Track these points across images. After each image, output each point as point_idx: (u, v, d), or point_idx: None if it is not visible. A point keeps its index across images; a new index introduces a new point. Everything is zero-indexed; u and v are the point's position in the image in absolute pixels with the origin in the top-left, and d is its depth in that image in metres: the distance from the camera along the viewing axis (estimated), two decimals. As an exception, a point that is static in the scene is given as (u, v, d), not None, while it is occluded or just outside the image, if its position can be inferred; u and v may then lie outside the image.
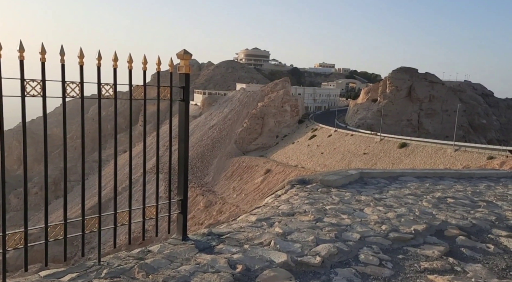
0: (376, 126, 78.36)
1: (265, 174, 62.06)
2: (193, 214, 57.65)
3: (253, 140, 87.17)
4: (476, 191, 7.17)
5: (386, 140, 62.28)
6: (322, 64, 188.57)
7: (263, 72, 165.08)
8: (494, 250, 3.84)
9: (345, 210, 5.01)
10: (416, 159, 53.34)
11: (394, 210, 5.17)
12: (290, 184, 6.50)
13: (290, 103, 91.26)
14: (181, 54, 3.32)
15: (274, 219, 4.43)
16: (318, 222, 4.40)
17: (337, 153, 65.62)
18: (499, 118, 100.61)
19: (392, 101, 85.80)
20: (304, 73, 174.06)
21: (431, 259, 3.50)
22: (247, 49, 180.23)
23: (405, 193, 6.55)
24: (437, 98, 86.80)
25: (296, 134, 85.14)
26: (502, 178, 9.36)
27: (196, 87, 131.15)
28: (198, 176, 75.24)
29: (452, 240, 4.10)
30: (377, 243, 3.81)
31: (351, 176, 7.36)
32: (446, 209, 5.48)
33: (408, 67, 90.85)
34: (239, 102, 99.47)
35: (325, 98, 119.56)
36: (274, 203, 5.45)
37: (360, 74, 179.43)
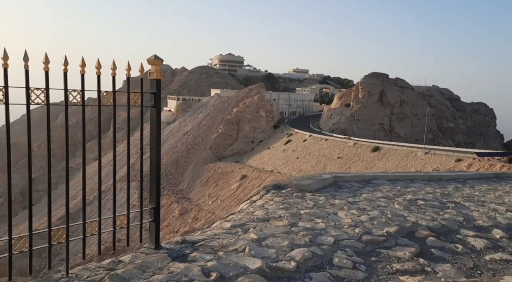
0: (349, 130, 79.83)
1: (241, 180, 61.95)
2: (168, 221, 56.79)
3: (228, 146, 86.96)
4: (445, 193, 7.40)
5: (359, 144, 63.51)
6: (296, 69, 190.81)
7: (237, 77, 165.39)
8: (462, 250, 3.96)
9: (319, 214, 5.05)
10: (388, 162, 54.62)
11: (367, 213, 5.26)
12: (265, 189, 6.50)
13: (265, 108, 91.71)
14: (152, 59, 3.27)
15: (249, 225, 4.41)
16: (293, 226, 4.41)
17: (312, 158, 66.33)
18: (466, 122, 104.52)
19: (365, 106, 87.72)
20: (278, 78, 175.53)
21: (402, 260, 3.56)
22: (221, 55, 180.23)
23: (378, 195, 6.67)
24: (407, 103, 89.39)
25: (271, 139, 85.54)
26: (469, 180, 9.70)
27: (169, 93, 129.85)
28: (173, 183, 74.27)
29: (422, 241, 4.20)
30: (350, 246, 3.85)
31: (325, 180, 7.44)
32: (416, 210, 5.62)
33: (379, 73, 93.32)
34: (213, 108, 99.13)
35: (300, 104, 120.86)
36: (249, 208, 5.43)
37: (333, 80, 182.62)
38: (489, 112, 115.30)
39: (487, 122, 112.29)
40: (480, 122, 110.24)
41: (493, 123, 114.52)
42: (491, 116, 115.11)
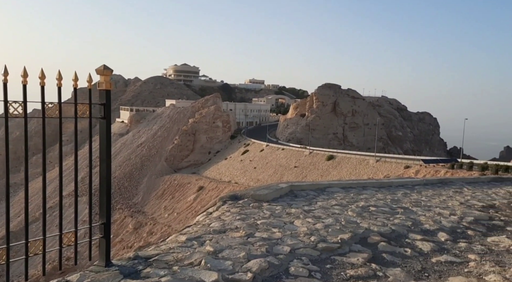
0: (305, 140, 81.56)
1: (198, 191, 61.10)
2: (121, 237, 54.64)
3: (184, 157, 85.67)
4: (395, 199, 7.72)
5: (315, 153, 65.00)
6: (252, 80, 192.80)
7: (193, 88, 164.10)
8: (411, 254, 4.13)
9: (276, 224, 5.08)
10: (342, 170, 56.30)
11: (322, 221, 5.36)
12: (221, 201, 6.45)
13: (222, 119, 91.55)
14: (100, 70, 3.17)
15: (205, 237, 4.34)
16: (250, 237, 4.39)
17: (269, 167, 66.90)
18: (413, 131, 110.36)
19: (319, 116, 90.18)
20: (235, 89, 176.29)
21: (356, 266, 3.66)
22: (176, 65, 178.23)
23: (332, 203, 6.83)
24: (359, 113, 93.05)
25: (228, 150, 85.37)
26: (416, 186, 10.19)
27: (122, 104, 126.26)
28: (126, 197, 71.74)
29: (374, 246, 4.34)
30: (306, 255, 3.89)
31: (281, 190, 7.51)
32: (368, 217, 5.81)
33: (332, 84, 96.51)
34: (169, 118, 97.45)
35: (256, 114, 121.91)
36: (205, 220, 5.35)
37: (288, 90, 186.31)
38: (433, 121, 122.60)
39: (431, 131, 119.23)
40: (426, 130, 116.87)
41: (437, 132, 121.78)
42: (435, 125, 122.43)
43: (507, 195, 9.41)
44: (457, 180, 11.91)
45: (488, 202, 7.93)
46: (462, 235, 5.12)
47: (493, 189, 10.40)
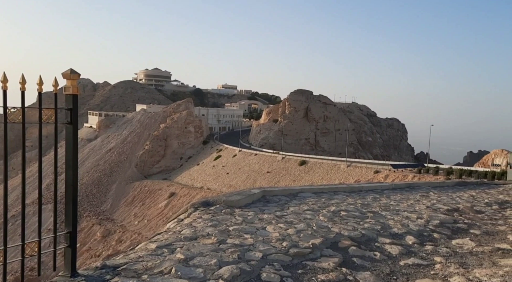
0: (278, 145, 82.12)
1: (169, 198, 60.20)
2: (89, 245, 52.98)
3: (155, 163, 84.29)
4: (365, 203, 7.87)
5: (287, 158, 65.52)
6: (225, 85, 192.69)
7: (164, 93, 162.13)
8: (380, 257, 4.22)
9: (248, 230, 5.06)
10: (314, 175, 57.03)
11: (294, 226, 5.38)
12: (193, 207, 6.37)
13: (194, 124, 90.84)
14: (67, 73, 3.07)
15: (176, 244, 4.27)
16: (222, 244, 4.36)
17: (242, 173, 66.84)
18: (382, 136, 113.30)
19: (291, 121, 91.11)
20: (207, 94, 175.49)
21: (327, 271, 3.69)
22: (147, 70, 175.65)
23: (304, 208, 6.89)
24: (330, 119, 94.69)
25: (201, 155, 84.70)
26: (385, 190, 10.44)
27: (91, 109, 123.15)
28: (95, 204, 69.72)
29: (345, 250, 4.40)
30: (278, 260, 3.90)
31: (254, 195, 7.50)
32: (339, 221, 5.89)
33: (304, 90, 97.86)
34: (139, 124, 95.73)
35: (229, 119, 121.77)
36: (176, 227, 5.27)
37: (261, 96, 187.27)
38: (401, 127, 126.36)
39: (400, 136, 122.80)
40: (394, 136, 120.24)
41: (405, 137, 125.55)
42: (403, 131, 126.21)
43: (470, 198, 9.80)
44: (424, 184, 12.30)
45: (453, 205, 8.22)
46: (429, 238, 5.27)
47: (457, 193, 10.80)
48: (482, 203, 9.03)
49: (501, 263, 4.14)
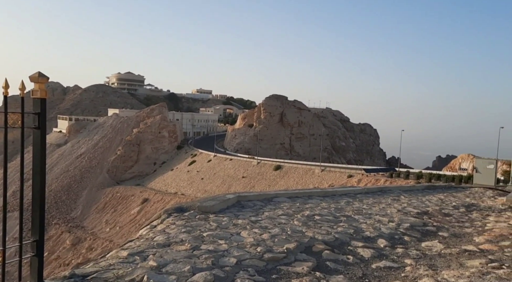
0: (253, 150, 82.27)
1: (142, 204, 59.10)
2: (57, 254, 51.22)
3: (128, 168, 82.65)
4: (338, 207, 7.98)
5: (262, 163, 65.70)
6: (200, 90, 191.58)
7: (138, 97, 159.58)
8: (353, 261, 4.28)
9: (222, 235, 5.03)
10: (289, 180, 57.41)
11: (268, 231, 5.39)
12: (166, 213, 6.28)
13: (168, 129, 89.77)
14: (35, 77, 2.98)
15: (148, 251, 4.19)
16: (195, 250, 4.31)
17: (217, 178, 66.47)
18: (355, 141, 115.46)
19: (267, 126, 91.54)
20: (181, 98, 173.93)
21: (301, 275, 3.71)
22: (119, 73, 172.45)
23: (279, 213, 6.91)
24: (305, 124, 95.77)
25: (175, 160, 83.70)
26: (358, 194, 10.62)
27: (60, 113, 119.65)
28: (64, 211, 67.56)
29: (319, 255, 4.44)
30: (252, 266, 3.89)
31: (228, 201, 7.47)
32: (313, 226, 5.94)
33: (279, 95, 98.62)
34: (111, 128, 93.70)
35: (204, 124, 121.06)
36: (149, 234, 5.17)
37: (236, 101, 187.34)
38: (374, 132, 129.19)
39: (372, 141, 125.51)
40: (367, 141, 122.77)
41: (377, 142, 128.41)
42: (376, 136, 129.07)
43: (439, 201, 10.11)
44: (395, 188, 12.61)
45: (423, 208, 8.46)
46: (400, 241, 5.40)
47: (427, 196, 11.13)
48: (450, 206, 9.34)
49: (468, 264, 4.28)
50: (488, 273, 3.92)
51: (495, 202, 10.64)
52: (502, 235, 6.03)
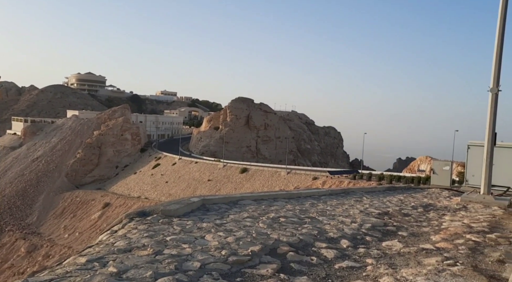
0: (219, 153, 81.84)
1: (103, 209, 57.28)
2: (11, 262, 48.63)
3: (88, 172, 79.87)
4: (303, 209, 8.07)
5: (228, 166, 65.49)
6: (164, 92, 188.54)
7: (99, 98, 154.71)
8: (317, 262, 4.33)
9: (186, 239, 4.94)
10: (255, 182, 57.57)
11: (233, 234, 5.35)
12: (128, 218, 6.09)
13: (131, 131, 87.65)
14: (-16, 73, 2.79)
15: (108, 257, 4.04)
16: (158, 255, 4.20)
17: (182, 181, 65.55)
18: (320, 144, 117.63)
19: (233, 129, 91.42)
20: (145, 100, 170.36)
21: (265, 277, 3.70)
22: (79, 74, 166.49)
23: (244, 216, 6.89)
24: (271, 126, 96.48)
25: (138, 163, 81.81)
26: (322, 196, 10.79)
27: (15, 114, 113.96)
28: (18, 217, 64.21)
29: (283, 256, 4.46)
30: (217, 269, 3.84)
31: (193, 204, 7.36)
32: (278, 228, 5.97)
33: (245, 98, 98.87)
34: (71, 130, 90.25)
35: (168, 126, 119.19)
36: (109, 239, 4.99)
37: (202, 103, 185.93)
38: (338, 135, 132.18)
39: (336, 144, 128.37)
40: (331, 144, 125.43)
41: (341, 145, 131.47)
42: (339, 139, 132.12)
43: (399, 202, 10.47)
44: (358, 190, 12.93)
45: (383, 209, 8.72)
46: (361, 241, 5.52)
47: (388, 197, 11.49)
48: (409, 206, 9.68)
49: (425, 262, 4.44)
50: (444, 270, 4.08)
51: (451, 202, 11.16)
52: (456, 233, 6.32)
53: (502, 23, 10.77)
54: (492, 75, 10.86)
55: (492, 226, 7.25)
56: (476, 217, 8.47)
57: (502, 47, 10.84)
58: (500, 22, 10.77)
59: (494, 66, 10.83)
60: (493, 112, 10.91)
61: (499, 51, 10.81)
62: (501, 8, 10.75)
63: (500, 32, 10.77)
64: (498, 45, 10.80)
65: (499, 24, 10.78)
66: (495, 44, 10.85)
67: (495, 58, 10.82)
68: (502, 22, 10.76)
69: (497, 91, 10.85)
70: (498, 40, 10.80)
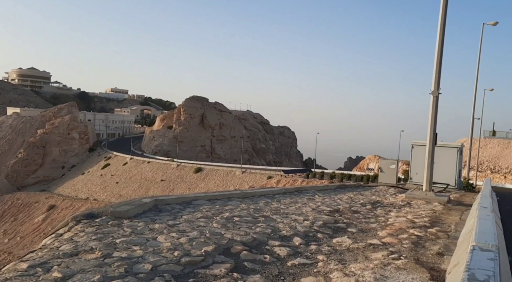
0: (172, 152, 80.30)
1: (47, 211, 54.30)
2: None
3: (31, 173, 75.30)
4: (257, 208, 8.13)
5: (182, 166, 64.47)
6: (115, 89, 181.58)
7: (43, 95, 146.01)
8: (270, 260, 4.38)
9: (137, 241, 4.81)
10: (210, 182, 57.14)
11: (186, 235, 5.29)
12: (75, 220, 5.81)
13: (79, 130, 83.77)
14: None
15: (52, 262, 3.84)
16: (107, 258, 4.05)
17: (133, 182, 63.64)
18: (274, 143, 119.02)
19: (187, 128, 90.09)
20: (94, 98, 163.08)
21: (218, 277, 3.69)
22: (21, 69, 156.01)
23: (198, 216, 6.82)
24: (226, 126, 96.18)
25: (86, 164, 78.39)
26: (277, 195, 10.94)
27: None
28: (-48, 222, 59.13)
29: (237, 256, 4.47)
30: (169, 271, 3.77)
31: (145, 205, 7.17)
32: (232, 227, 5.97)
33: (200, 96, 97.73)
34: (11, 129, 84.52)
35: (119, 125, 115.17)
36: (54, 243, 4.74)
37: (155, 101, 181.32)
38: (292, 135, 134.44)
39: (290, 143, 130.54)
40: (285, 143, 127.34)
41: (295, 144, 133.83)
42: (293, 138, 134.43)
43: (349, 200, 10.86)
44: (310, 188, 13.25)
45: (334, 207, 9.01)
46: (313, 238, 5.67)
47: (339, 195, 11.88)
48: (358, 203, 10.08)
49: (372, 257, 4.65)
50: (389, 264, 4.30)
51: (396, 199, 11.75)
52: (401, 228, 6.67)
53: (442, 30, 11.50)
54: (433, 79, 11.57)
55: (433, 221, 7.74)
56: (418, 212, 8.99)
57: (442, 53, 11.58)
58: (440, 29, 11.50)
59: (435, 71, 11.55)
60: (434, 114, 11.63)
61: (439, 57, 11.54)
62: (441, 18, 11.49)
63: (440, 38, 11.50)
64: (438, 51, 11.53)
65: (439, 31, 11.51)
66: (435, 50, 11.57)
67: (436, 63, 11.54)
68: (441, 29, 11.50)
69: (438, 94, 11.58)
70: (439, 46, 11.53)
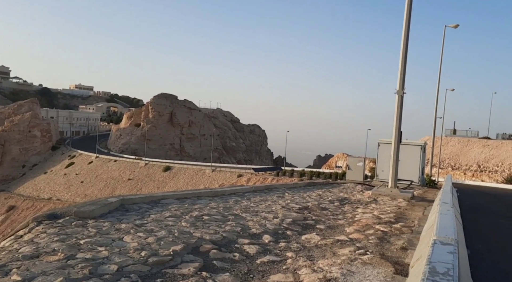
0: (140, 151, 78.69)
1: (7, 212, 51.93)
2: None
3: (-10, 172, 71.64)
4: (227, 206, 8.10)
5: (151, 164, 63.31)
6: (79, 85, 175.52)
7: (2, 91, 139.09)
8: (239, 258, 4.37)
9: (102, 242, 4.67)
10: (179, 181, 56.42)
11: (154, 234, 5.19)
12: (36, 221, 5.58)
13: (41, 127, 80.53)
14: None
15: (11, 265, 3.66)
16: (70, 259, 3.91)
17: (99, 181, 61.93)
18: (245, 141, 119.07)
19: (155, 126, 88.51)
20: (57, 94, 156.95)
21: (187, 277, 3.65)
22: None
23: (166, 215, 6.71)
24: (195, 124, 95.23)
25: (49, 162, 75.53)
26: (246, 193, 10.95)
27: None
28: None
29: (206, 254, 4.43)
30: (136, 271, 3.69)
31: (111, 204, 6.98)
32: (202, 226, 5.92)
33: (169, 94, 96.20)
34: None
35: (84, 123, 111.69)
36: (13, 245, 4.53)
37: (121, 99, 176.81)
38: (262, 133, 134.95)
39: (261, 142, 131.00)
40: (256, 141, 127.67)
41: (265, 143, 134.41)
42: (264, 137, 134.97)
43: (317, 197, 11.02)
44: (280, 186, 13.35)
45: (303, 204, 9.11)
46: (283, 235, 5.71)
47: (308, 193, 12.04)
48: (326, 200, 10.25)
49: (339, 253, 4.74)
50: (356, 259, 4.39)
51: (363, 196, 12.05)
52: (367, 224, 6.83)
53: (407, 30, 11.87)
54: (398, 79, 11.93)
55: (398, 217, 7.98)
56: (384, 208, 9.26)
57: (406, 53, 11.95)
58: (405, 28, 11.86)
59: (400, 71, 11.91)
60: (399, 113, 11.99)
61: (404, 57, 11.90)
62: (406, 18, 11.85)
63: (405, 38, 11.86)
64: (403, 52, 11.89)
65: (404, 31, 11.87)
66: (400, 50, 11.93)
67: (400, 63, 11.90)
68: (406, 29, 11.87)
69: (403, 94, 11.95)
70: (403, 47, 11.88)
